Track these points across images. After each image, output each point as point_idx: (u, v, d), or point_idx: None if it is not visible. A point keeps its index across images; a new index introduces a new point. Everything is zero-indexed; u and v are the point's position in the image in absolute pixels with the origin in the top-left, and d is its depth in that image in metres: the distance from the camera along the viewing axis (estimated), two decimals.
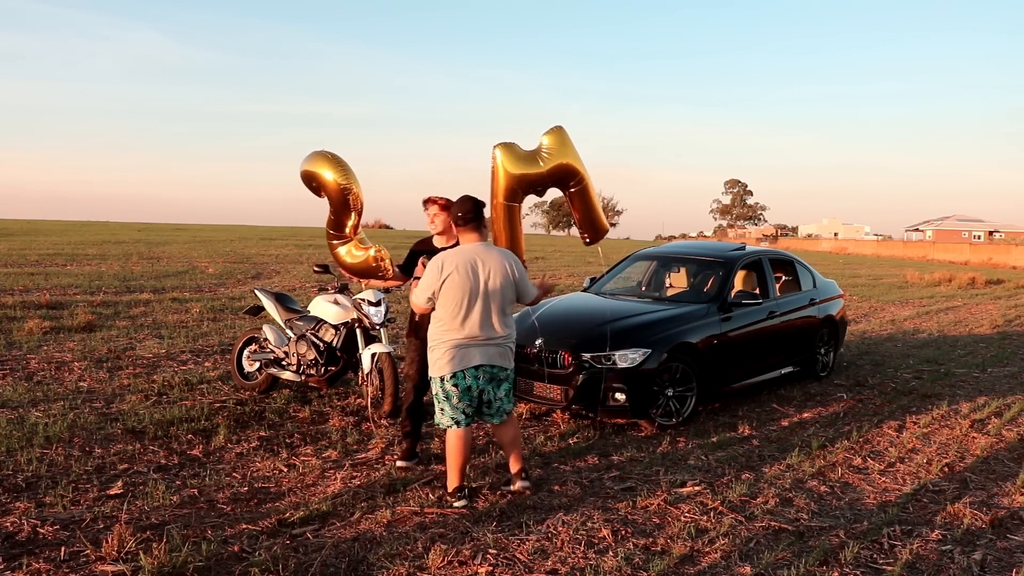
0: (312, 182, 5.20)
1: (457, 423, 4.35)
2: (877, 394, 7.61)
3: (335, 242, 5.33)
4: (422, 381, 4.99)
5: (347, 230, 5.27)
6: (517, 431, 4.65)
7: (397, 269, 5.31)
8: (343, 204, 5.13)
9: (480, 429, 5.74)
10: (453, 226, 4.50)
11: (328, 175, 5.06)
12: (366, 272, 5.32)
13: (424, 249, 5.15)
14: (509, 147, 5.12)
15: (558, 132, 5.26)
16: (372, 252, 5.25)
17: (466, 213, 4.38)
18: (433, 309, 4.35)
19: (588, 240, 5.69)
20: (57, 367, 7.46)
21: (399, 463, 5.02)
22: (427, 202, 5.02)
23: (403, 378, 5.42)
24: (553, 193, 5.56)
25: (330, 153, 5.15)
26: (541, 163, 5.14)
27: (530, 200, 5.68)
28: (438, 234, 5.07)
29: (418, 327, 5.21)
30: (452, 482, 4.41)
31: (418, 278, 4.51)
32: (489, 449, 5.42)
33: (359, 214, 5.22)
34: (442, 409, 4.37)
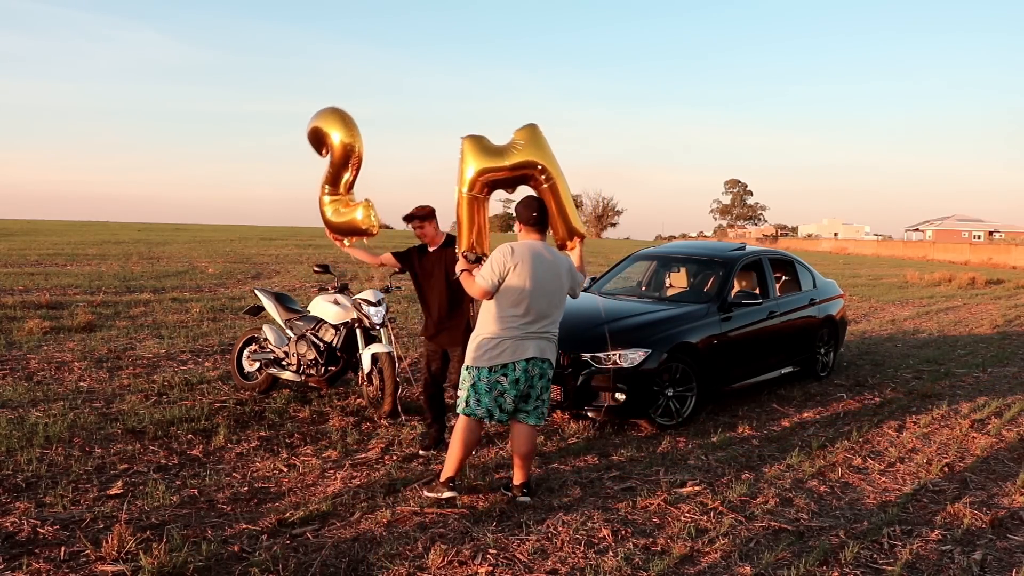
0: (318, 137, 5.34)
1: (490, 416, 4.30)
2: (877, 394, 7.61)
3: (327, 198, 5.45)
4: (436, 373, 5.34)
5: (341, 187, 5.42)
6: (536, 444, 4.63)
7: (391, 255, 5.50)
8: (344, 160, 5.29)
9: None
10: (518, 224, 4.53)
11: (335, 133, 5.23)
12: (350, 230, 5.45)
13: (422, 249, 5.38)
14: (476, 139, 5.11)
15: (530, 128, 5.21)
16: (359, 214, 5.36)
17: (535, 213, 4.48)
18: (490, 297, 4.29)
19: (560, 244, 5.64)
20: (57, 367, 7.46)
21: (421, 452, 5.27)
22: (408, 219, 5.30)
23: (418, 372, 5.53)
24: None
25: (340, 110, 5.32)
26: (506, 157, 5.10)
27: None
28: (428, 241, 5.36)
29: (426, 327, 5.32)
30: (448, 471, 4.39)
31: (466, 271, 4.47)
32: (489, 447, 5.42)
33: (356, 171, 5.37)
34: (478, 400, 4.27)
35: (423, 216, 5.27)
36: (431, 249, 5.34)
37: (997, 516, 4.41)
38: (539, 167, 5.10)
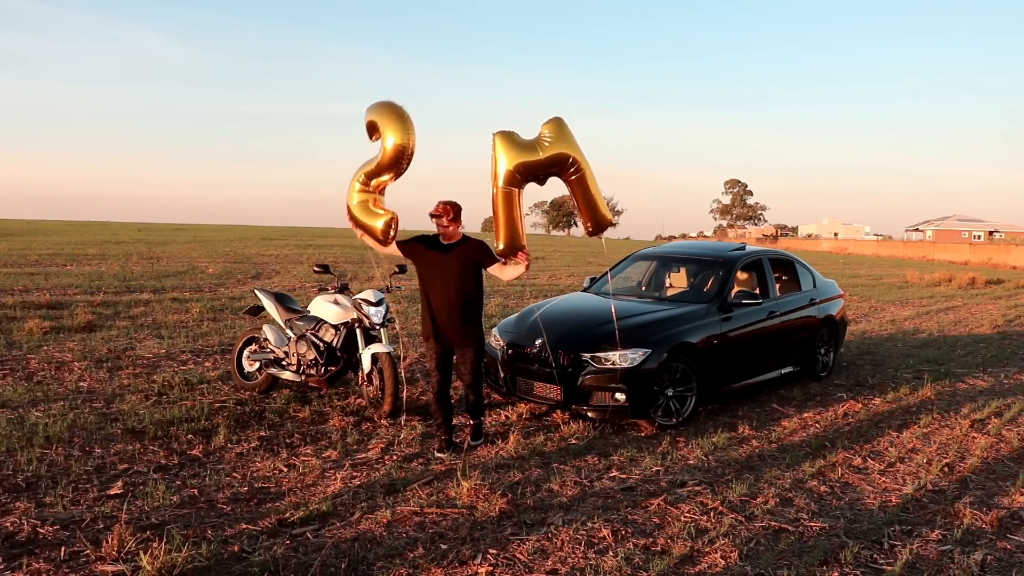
0: (372, 128, 5.18)
1: None
2: (877, 394, 7.61)
3: (357, 185, 5.28)
4: (444, 374, 5.35)
5: (374, 185, 5.26)
6: None
7: (397, 244, 5.35)
8: (393, 162, 5.11)
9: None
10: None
11: (391, 135, 5.03)
12: (365, 229, 5.30)
13: (431, 242, 5.35)
14: (507, 135, 5.22)
15: (557, 122, 5.33)
16: (381, 224, 5.21)
17: None
18: None
19: (590, 230, 5.71)
20: (57, 367, 7.46)
21: (438, 454, 5.24)
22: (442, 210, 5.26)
23: (427, 373, 5.54)
24: (554, 191, 5.60)
25: (398, 107, 5.12)
26: (540, 151, 5.19)
27: (530, 199, 5.71)
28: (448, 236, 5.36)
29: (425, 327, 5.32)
30: None
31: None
32: (488, 447, 5.42)
33: (398, 177, 5.22)
34: None
35: (455, 215, 5.26)
36: (445, 241, 5.32)
37: (997, 516, 4.42)
38: (570, 159, 5.23)
